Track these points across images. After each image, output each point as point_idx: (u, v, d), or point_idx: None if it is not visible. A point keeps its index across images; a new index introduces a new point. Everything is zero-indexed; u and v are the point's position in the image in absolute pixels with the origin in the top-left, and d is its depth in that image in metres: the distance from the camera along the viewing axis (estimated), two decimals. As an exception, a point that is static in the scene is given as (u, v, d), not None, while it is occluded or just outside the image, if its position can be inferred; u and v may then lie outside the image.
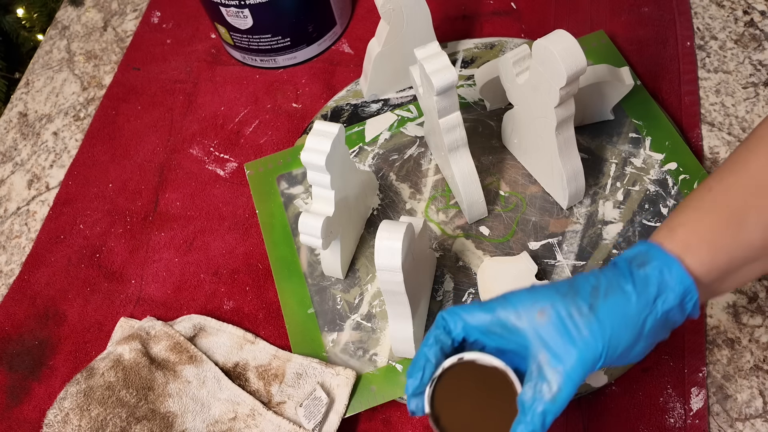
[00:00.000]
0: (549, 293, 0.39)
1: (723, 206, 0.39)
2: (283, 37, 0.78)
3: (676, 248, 0.38)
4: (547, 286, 0.40)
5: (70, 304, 0.68)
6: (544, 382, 0.37)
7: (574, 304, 0.38)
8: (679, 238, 0.39)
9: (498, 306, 0.40)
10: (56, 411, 0.56)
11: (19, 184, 0.79)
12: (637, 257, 0.39)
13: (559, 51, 0.50)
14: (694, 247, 0.38)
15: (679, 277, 0.37)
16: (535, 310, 0.38)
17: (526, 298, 0.39)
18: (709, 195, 0.40)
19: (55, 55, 0.92)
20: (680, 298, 0.38)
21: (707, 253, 0.38)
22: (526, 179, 0.66)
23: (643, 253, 0.39)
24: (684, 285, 0.37)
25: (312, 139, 0.54)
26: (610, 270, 0.39)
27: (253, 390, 0.58)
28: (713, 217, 0.39)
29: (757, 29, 0.75)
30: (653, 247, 0.39)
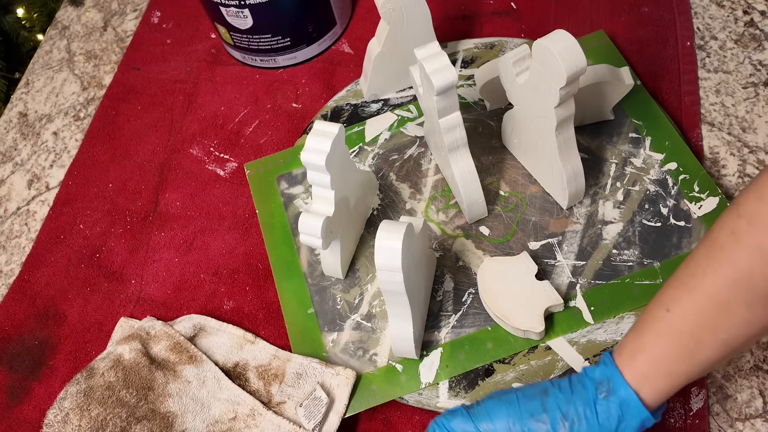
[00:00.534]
0: (524, 415, 0.45)
1: (680, 332, 0.42)
2: (283, 37, 0.78)
3: (635, 379, 0.43)
4: (523, 402, 0.45)
5: (70, 304, 0.68)
6: None
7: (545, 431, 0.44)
8: (638, 368, 0.43)
9: (482, 420, 0.46)
10: (56, 411, 0.56)
11: (19, 184, 0.79)
12: (602, 384, 0.44)
13: (559, 51, 0.50)
14: (652, 378, 0.43)
15: (637, 410, 0.43)
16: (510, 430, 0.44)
17: (504, 417, 0.45)
18: (667, 317, 0.43)
19: (55, 55, 0.92)
20: (638, 427, 0.43)
21: (663, 382, 0.43)
22: (526, 179, 0.66)
23: (607, 380, 0.44)
24: (641, 417, 0.43)
25: (312, 139, 0.54)
26: (579, 394, 0.45)
27: (253, 390, 0.58)
28: (671, 344, 0.43)
29: (757, 29, 0.75)
30: (616, 374, 0.44)
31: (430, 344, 0.58)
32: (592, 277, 0.59)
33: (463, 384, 0.56)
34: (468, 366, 0.56)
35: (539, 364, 0.56)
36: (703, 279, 0.42)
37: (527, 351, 0.57)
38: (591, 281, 0.59)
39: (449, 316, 0.59)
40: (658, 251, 0.59)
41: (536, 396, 0.46)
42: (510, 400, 0.46)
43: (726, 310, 0.41)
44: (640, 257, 0.59)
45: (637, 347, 0.44)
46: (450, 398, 0.55)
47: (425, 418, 0.57)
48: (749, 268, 0.40)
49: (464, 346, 0.57)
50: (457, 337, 0.58)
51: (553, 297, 0.56)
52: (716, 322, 0.41)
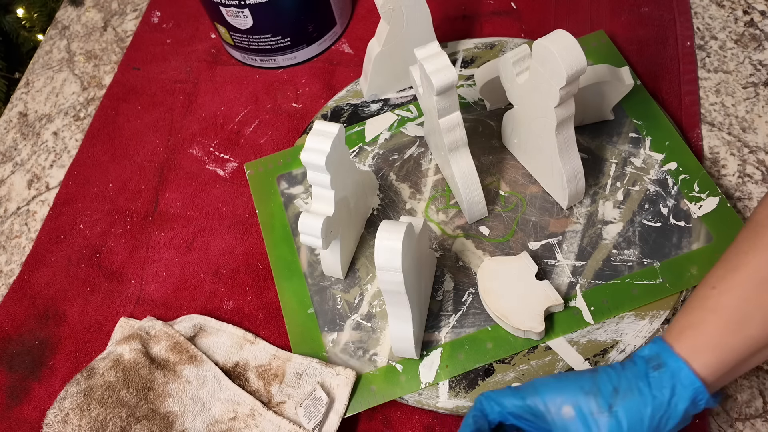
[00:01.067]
0: (574, 389, 0.44)
1: (726, 306, 0.43)
2: (283, 37, 0.78)
3: (685, 352, 0.43)
4: (572, 379, 0.45)
5: (70, 304, 0.68)
6: None
7: (596, 404, 0.43)
8: (688, 342, 0.44)
9: (529, 396, 0.45)
10: (56, 411, 0.56)
11: (19, 184, 0.79)
12: (652, 359, 0.44)
13: (559, 51, 0.50)
14: (701, 350, 0.43)
15: (689, 380, 0.42)
16: (561, 405, 0.44)
17: (554, 392, 0.45)
18: (713, 294, 0.44)
19: (55, 55, 0.92)
20: (691, 399, 0.43)
21: (714, 355, 0.43)
22: (526, 179, 0.66)
23: (657, 355, 0.44)
24: (694, 387, 0.42)
25: (312, 139, 0.54)
26: (630, 369, 0.44)
27: (253, 390, 0.58)
28: (718, 318, 0.43)
29: (757, 29, 0.75)
30: (665, 349, 0.44)
31: (430, 344, 0.58)
32: (592, 277, 0.59)
33: (463, 384, 0.56)
34: (468, 366, 0.56)
35: (539, 364, 0.56)
36: (745, 257, 0.43)
37: (527, 351, 0.57)
38: (591, 281, 0.59)
39: (449, 316, 0.59)
40: (658, 251, 0.59)
41: (586, 374, 0.45)
42: (559, 377, 0.46)
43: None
44: (640, 257, 0.59)
45: (685, 324, 0.44)
46: (450, 398, 0.55)
47: (425, 418, 0.57)
48: None
49: (464, 346, 0.57)
50: (457, 337, 0.58)
51: (553, 297, 0.56)
52: (761, 298, 0.42)
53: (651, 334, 0.55)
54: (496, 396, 0.46)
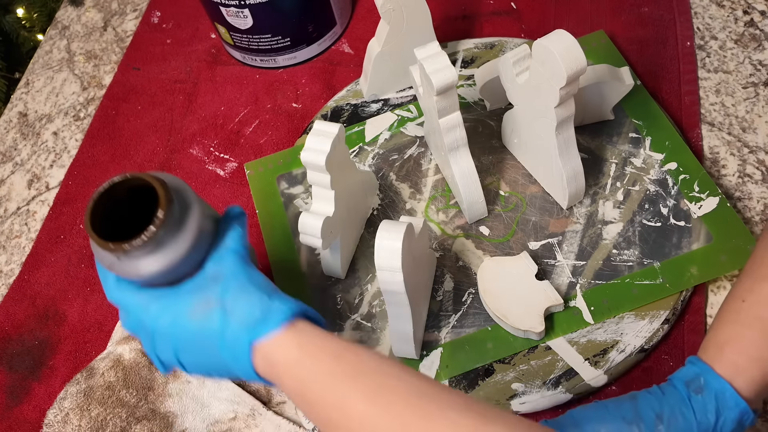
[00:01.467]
0: (615, 419, 0.42)
1: (759, 318, 0.43)
2: (283, 37, 0.78)
3: (726, 371, 0.42)
4: (612, 408, 0.43)
5: (70, 304, 0.68)
6: None
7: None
8: (728, 359, 0.42)
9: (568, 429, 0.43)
10: (56, 411, 0.56)
11: (19, 184, 0.79)
12: (693, 381, 0.43)
13: (559, 51, 0.50)
14: (743, 367, 0.42)
15: (734, 401, 0.41)
16: None
17: (595, 424, 0.43)
18: (744, 307, 0.44)
19: (55, 55, 0.92)
20: (737, 420, 0.41)
21: (754, 372, 0.42)
22: (526, 179, 0.66)
23: (698, 376, 0.43)
24: (739, 408, 0.41)
25: (312, 139, 0.54)
26: (671, 394, 0.43)
27: (253, 390, 0.58)
28: (753, 333, 0.43)
29: (757, 29, 0.75)
30: (707, 370, 0.43)
31: (430, 344, 0.58)
32: (592, 277, 0.59)
33: (463, 384, 0.56)
34: (468, 366, 0.56)
35: (539, 364, 0.56)
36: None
37: (527, 351, 0.57)
38: (591, 281, 0.59)
39: (449, 316, 0.59)
40: (658, 251, 0.59)
41: (625, 400, 0.44)
42: (597, 407, 0.44)
43: None
44: (640, 257, 0.59)
45: (722, 340, 0.44)
46: (450, 398, 0.55)
47: (425, 418, 0.57)
48: None
49: (464, 346, 0.57)
50: (457, 337, 0.58)
51: (553, 297, 0.56)
52: None
53: (651, 333, 0.55)
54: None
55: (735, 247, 0.58)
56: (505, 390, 0.55)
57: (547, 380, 0.55)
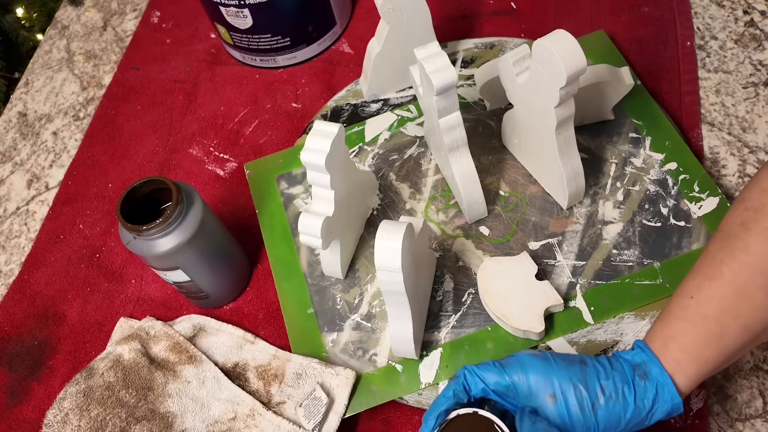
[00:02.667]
0: (561, 375, 0.44)
1: (705, 317, 0.44)
2: (282, 37, 0.78)
3: (668, 365, 0.44)
4: (561, 365, 0.45)
5: (70, 304, 0.68)
6: None
7: (580, 399, 0.44)
8: (671, 355, 0.45)
9: (514, 374, 0.45)
10: (56, 411, 0.56)
11: (18, 184, 0.79)
12: (639, 367, 0.45)
13: (559, 51, 0.50)
14: (684, 364, 0.44)
15: (670, 395, 0.44)
16: (546, 392, 0.44)
17: (541, 376, 0.45)
18: (692, 304, 0.45)
19: (55, 54, 0.92)
20: (667, 412, 0.44)
21: (695, 368, 0.44)
22: (526, 179, 0.66)
23: (644, 363, 0.45)
24: (673, 403, 0.44)
25: (312, 139, 0.54)
26: (618, 371, 0.45)
27: (253, 390, 0.58)
28: (697, 331, 0.44)
29: (757, 29, 0.75)
30: (653, 361, 0.45)
31: (430, 344, 0.58)
32: (592, 277, 0.59)
33: (463, 384, 0.56)
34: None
35: (539, 364, 0.56)
36: (720, 266, 0.45)
37: (527, 351, 0.56)
38: (591, 281, 0.59)
39: (449, 316, 0.59)
40: (658, 251, 0.59)
41: (575, 362, 0.45)
42: (546, 358, 0.46)
43: (745, 296, 0.43)
44: (640, 257, 0.59)
45: (668, 335, 0.45)
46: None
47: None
48: (762, 253, 0.43)
49: (464, 347, 0.57)
50: (457, 337, 0.58)
51: (553, 297, 0.56)
52: (737, 307, 0.43)
53: (651, 334, 0.55)
54: (480, 371, 0.46)
55: (735, 247, 0.58)
56: (505, 390, 0.55)
57: (547, 380, 0.55)
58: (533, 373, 0.45)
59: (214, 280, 0.61)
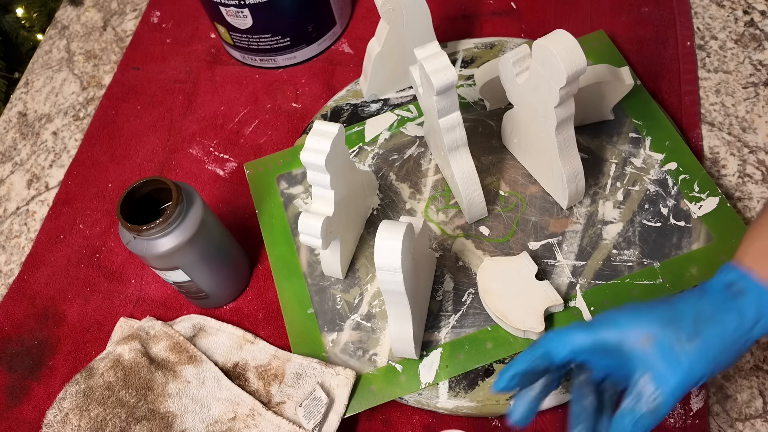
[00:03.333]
0: (651, 318, 0.42)
1: None
2: (282, 37, 0.78)
3: (766, 276, 0.41)
4: (648, 308, 0.43)
5: (70, 304, 0.68)
6: (645, 398, 0.41)
7: (676, 333, 0.41)
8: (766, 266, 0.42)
9: (602, 330, 0.42)
10: (56, 411, 0.56)
11: (18, 184, 0.79)
12: (733, 285, 0.42)
13: (559, 51, 0.50)
14: None
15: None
16: (639, 335, 0.41)
17: (629, 322, 0.42)
18: None
19: (55, 54, 0.92)
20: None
21: None
22: (526, 179, 0.66)
23: (737, 281, 0.42)
24: None
25: (312, 138, 0.54)
26: (708, 297, 0.42)
27: (253, 390, 0.58)
28: None
29: (757, 29, 0.75)
30: (745, 276, 0.42)
31: (430, 344, 0.58)
32: (592, 277, 0.59)
33: (462, 384, 0.56)
34: (468, 366, 0.56)
35: (539, 364, 0.56)
36: None
37: (527, 351, 0.56)
38: (591, 281, 0.59)
39: (449, 316, 0.59)
40: (658, 251, 0.59)
41: (662, 302, 0.43)
42: (634, 308, 0.43)
43: None
44: (640, 257, 0.59)
45: (760, 249, 0.43)
46: (450, 398, 0.55)
47: (425, 418, 0.57)
48: None
49: (464, 346, 0.57)
50: (457, 337, 0.58)
51: (552, 297, 0.56)
52: None
53: (651, 334, 0.55)
54: (565, 334, 0.43)
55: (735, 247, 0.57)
56: (505, 390, 0.55)
57: (547, 380, 0.55)
58: (621, 324, 0.42)
59: (214, 280, 0.61)
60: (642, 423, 0.40)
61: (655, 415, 0.40)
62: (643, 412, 0.40)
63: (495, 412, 0.55)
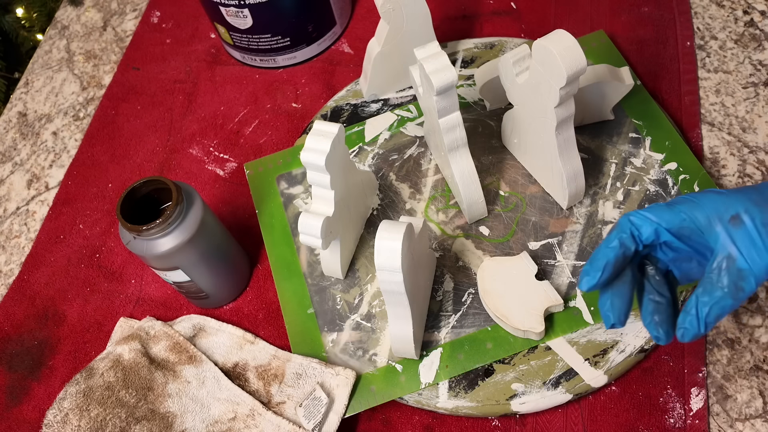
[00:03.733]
0: (740, 198, 0.40)
1: None
2: (282, 37, 0.78)
3: None
4: (734, 191, 0.41)
5: (70, 304, 0.68)
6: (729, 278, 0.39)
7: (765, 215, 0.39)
8: None
9: (688, 208, 0.41)
10: (56, 411, 0.56)
11: (18, 184, 0.79)
12: None
13: (559, 51, 0.50)
14: None
15: None
16: (728, 215, 0.39)
17: (718, 203, 0.40)
18: None
19: (55, 54, 0.92)
20: None
21: None
22: (526, 179, 0.66)
23: None
24: None
25: (312, 138, 0.54)
26: None
27: (253, 390, 0.58)
28: None
29: (757, 29, 0.75)
30: None
31: (430, 344, 0.58)
32: (592, 277, 0.59)
33: (462, 384, 0.56)
34: (468, 366, 0.56)
35: (539, 364, 0.56)
36: None
37: (527, 351, 0.56)
38: (591, 281, 0.59)
39: (449, 316, 0.59)
40: (658, 251, 0.59)
41: (747, 188, 0.41)
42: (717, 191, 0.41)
43: None
44: (640, 257, 0.59)
45: None
46: (450, 398, 0.55)
47: (425, 418, 0.57)
48: None
49: (464, 346, 0.57)
50: (456, 337, 0.58)
51: (552, 297, 0.56)
52: None
53: (651, 334, 0.55)
54: (647, 212, 0.41)
55: (735, 247, 0.58)
56: (505, 390, 0.55)
57: (547, 380, 0.55)
58: (708, 203, 0.40)
59: (214, 280, 0.61)
60: (723, 304, 0.39)
61: (738, 296, 0.39)
62: (725, 292, 0.39)
63: (495, 412, 0.55)
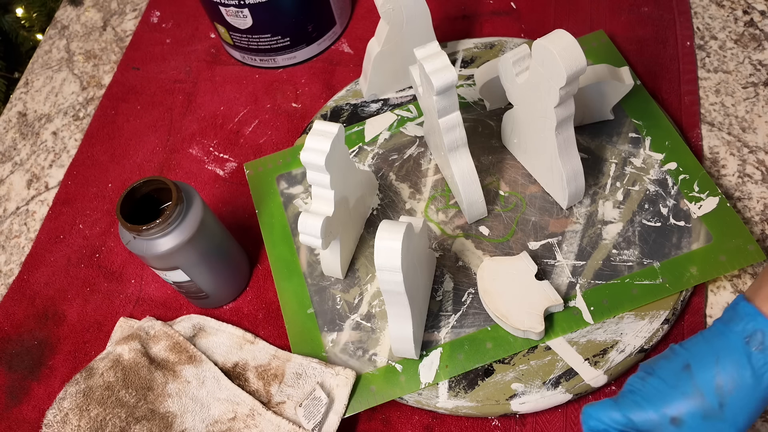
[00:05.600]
0: (676, 396, 0.42)
1: None
2: (282, 37, 0.78)
3: None
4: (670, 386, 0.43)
5: (70, 304, 0.68)
6: None
7: (703, 408, 0.41)
8: None
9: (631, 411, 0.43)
10: (55, 411, 0.56)
11: (18, 184, 0.79)
12: (753, 337, 0.41)
13: (559, 51, 0.50)
14: None
15: None
16: (667, 417, 0.42)
17: (657, 404, 0.42)
18: None
19: (55, 54, 0.92)
20: None
21: None
22: (526, 179, 0.66)
23: (758, 332, 0.41)
24: None
25: (311, 138, 0.54)
26: (727, 357, 0.41)
27: (253, 390, 0.58)
28: None
29: (757, 29, 0.75)
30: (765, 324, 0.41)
31: (430, 344, 0.58)
32: (591, 277, 0.59)
33: (462, 384, 0.56)
34: (468, 366, 0.56)
35: (539, 364, 0.56)
36: None
37: (527, 351, 0.56)
38: (591, 281, 0.59)
39: (449, 316, 0.59)
40: (657, 251, 0.59)
41: (679, 373, 0.43)
42: (654, 386, 0.43)
43: None
44: (640, 257, 0.59)
45: None
46: (449, 398, 0.55)
47: (425, 418, 0.57)
48: None
49: (464, 346, 0.57)
50: (456, 337, 0.58)
51: (552, 297, 0.56)
52: None
53: (651, 333, 0.55)
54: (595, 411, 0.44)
55: (735, 247, 0.58)
56: (504, 390, 0.55)
57: (547, 380, 0.55)
58: (649, 405, 0.43)
59: (213, 280, 0.61)
60: None
61: None
62: None
63: (495, 412, 0.55)
